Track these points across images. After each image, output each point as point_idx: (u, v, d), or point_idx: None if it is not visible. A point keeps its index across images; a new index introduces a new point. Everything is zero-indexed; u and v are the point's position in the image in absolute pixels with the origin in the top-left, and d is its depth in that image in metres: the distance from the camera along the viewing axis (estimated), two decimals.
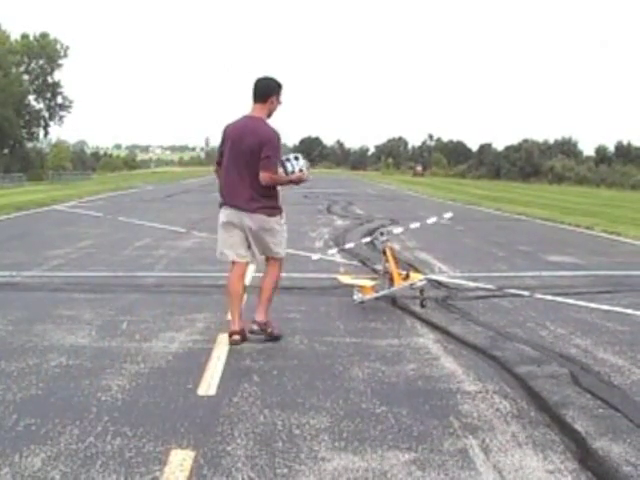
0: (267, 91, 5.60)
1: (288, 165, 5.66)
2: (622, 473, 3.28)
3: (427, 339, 5.77)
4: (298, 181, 5.76)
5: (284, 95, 5.74)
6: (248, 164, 5.49)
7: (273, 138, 5.55)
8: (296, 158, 5.72)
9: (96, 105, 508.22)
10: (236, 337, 5.46)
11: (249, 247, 5.65)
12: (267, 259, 5.75)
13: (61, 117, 74.36)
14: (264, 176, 5.46)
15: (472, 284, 8.36)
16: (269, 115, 5.67)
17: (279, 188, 5.73)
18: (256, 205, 5.51)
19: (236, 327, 5.49)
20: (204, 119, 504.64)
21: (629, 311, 6.83)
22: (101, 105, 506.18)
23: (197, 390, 4.39)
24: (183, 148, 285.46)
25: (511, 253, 11.72)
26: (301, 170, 5.70)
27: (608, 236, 14.57)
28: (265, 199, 5.56)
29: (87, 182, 53.71)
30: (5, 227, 16.15)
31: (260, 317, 5.61)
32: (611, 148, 70.83)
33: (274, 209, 5.62)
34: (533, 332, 6.01)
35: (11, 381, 4.53)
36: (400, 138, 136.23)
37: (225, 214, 5.65)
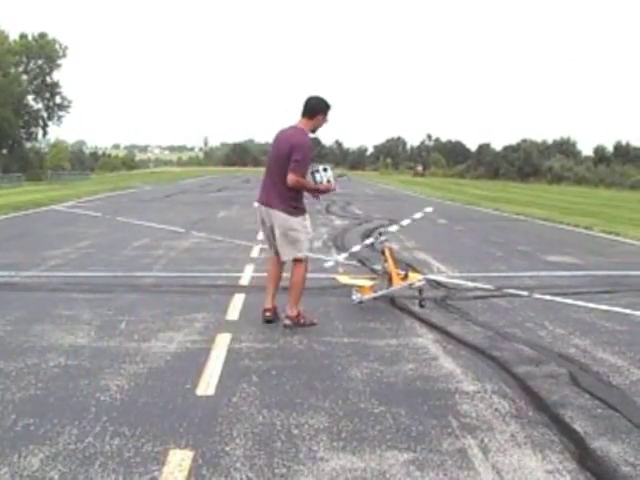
0: (316, 109, 6.11)
1: (317, 176, 6.17)
2: (621, 473, 3.29)
3: (426, 339, 5.77)
4: (325, 191, 6.26)
5: (331, 114, 6.20)
6: (280, 167, 6.01)
7: (304, 145, 5.99)
8: (325, 170, 6.21)
9: (95, 105, 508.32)
10: (267, 314, 6.19)
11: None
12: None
13: (60, 117, 74.23)
14: (291, 178, 5.92)
15: (471, 284, 8.37)
16: (314, 130, 6.20)
17: (307, 195, 6.21)
18: (280, 204, 6.02)
19: (268, 305, 6.23)
20: (203, 119, 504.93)
21: (628, 311, 6.84)
22: (100, 105, 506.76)
23: (196, 390, 4.39)
24: (182, 148, 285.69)
25: (510, 253, 11.73)
26: (329, 181, 6.19)
27: (607, 236, 14.59)
28: (289, 199, 6.03)
29: (86, 182, 53.62)
30: (4, 227, 16.13)
31: (290, 312, 6.12)
32: (610, 148, 70.91)
33: (296, 209, 6.08)
34: (532, 332, 6.01)
35: (10, 381, 4.53)
36: (399, 138, 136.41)
37: (257, 211, 6.28)
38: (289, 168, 5.92)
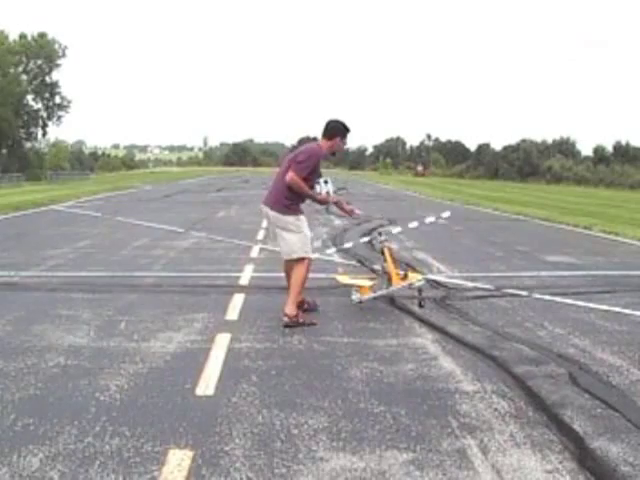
0: (334, 131, 6.41)
1: (317, 187, 6.42)
2: (620, 473, 3.28)
3: (425, 339, 5.77)
4: (322, 201, 6.53)
5: (349, 137, 6.53)
6: (284, 170, 6.28)
7: (310, 151, 6.31)
8: (325, 182, 6.44)
9: (94, 105, 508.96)
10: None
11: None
12: None
13: (59, 117, 74.09)
14: (290, 175, 6.16)
15: (470, 284, 8.36)
16: (333, 153, 6.51)
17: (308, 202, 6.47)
18: (274, 203, 6.28)
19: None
20: (202, 119, 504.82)
21: (627, 311, 6.84)
22: (99, 105, 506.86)
23: (195, 390, 4.39)
24: (181, 148, 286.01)
25: (509, 253, 11.72)
26: (328, 193, 6.43)
27: (606, 236, 14.59)
28: (283, 198, 6.23)
29: (85, 182, 53.61)
30: (3, 227, 16.13)
31: (288, 310, 6.15)
32: (609, 148, 70.92)
33: (288, 208, 6.25)
34: (531, 332, 6.01)
35: (9, 381, 4.53)
36: (398, 138, 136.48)
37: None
38: (291, 167, 6.18)
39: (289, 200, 6.25)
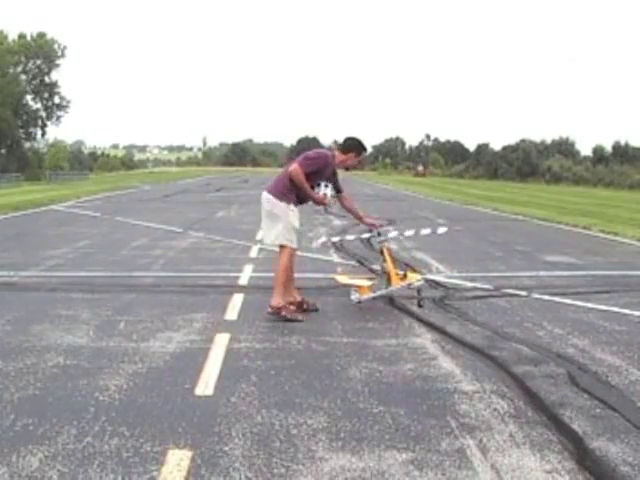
0: (350, 147, 6.79)
1: (316, 188, 6.63)
2: (619, 473, 3.28)
3: (424, 339, 5.77)
4: (319, 202, 6.69)
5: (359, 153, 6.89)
6: (292, 163, 6.53)
7: (321, 153, 6.63)
8: (326, 185, 6.67)
9: (94, 105, 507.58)
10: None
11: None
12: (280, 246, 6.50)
13: (58, 117, 74.21)
14: (294, 166, 6.38)
15: (469, 284, 8.37)
16: (346, 168, 7.00)
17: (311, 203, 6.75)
18: (272, 189, 6.48)
19: (290, 299, 6.50)
20: (201, 119, 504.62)
21: (626, 311, 6.84)
22: (99, 105, 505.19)
23: (194, 390, 4.39)
24: (180, 148, 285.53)
25: (508, 253, 11.73)
26: (325, 195, 6.65)
27: (605, 236, 14.59)
28: (281, 186, 6.44)
29: (84, 182, 53.63)
30: (2, 227, 16.13)
31: (272, 302, 6.28)
32: (608, 148, 70.81)
33: (284, 195, 6.42)
34: (530, 332, 6.01)
35: (9, 381, 4.53)
36: (397, 138, 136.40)
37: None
38: (297, 160, 6.46)
39: (287, 189, 6.42)
